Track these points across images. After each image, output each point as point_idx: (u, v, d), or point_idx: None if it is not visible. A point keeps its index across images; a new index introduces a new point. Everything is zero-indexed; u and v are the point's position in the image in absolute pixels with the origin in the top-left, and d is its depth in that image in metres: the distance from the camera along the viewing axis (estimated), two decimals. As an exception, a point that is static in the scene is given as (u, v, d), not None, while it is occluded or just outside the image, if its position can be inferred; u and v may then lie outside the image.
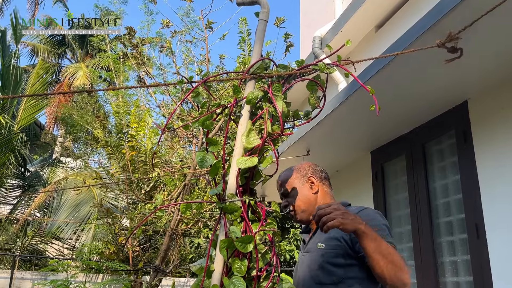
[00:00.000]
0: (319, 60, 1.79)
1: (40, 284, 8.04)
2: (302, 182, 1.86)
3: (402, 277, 1.37)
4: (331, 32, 4.75)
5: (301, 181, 1.87)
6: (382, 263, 1.39)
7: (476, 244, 2.71)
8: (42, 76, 10.58)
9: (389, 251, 1.40)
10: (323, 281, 1.65)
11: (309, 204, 1.82)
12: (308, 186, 1.85)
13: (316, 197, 1.83)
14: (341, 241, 1.63)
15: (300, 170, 1.90)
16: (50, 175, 11.72)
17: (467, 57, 2.37)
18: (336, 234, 1.66)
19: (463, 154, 2.92)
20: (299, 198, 1.83)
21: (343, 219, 1.40)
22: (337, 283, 1.60)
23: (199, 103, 1.77)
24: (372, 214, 1.64)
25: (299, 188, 1.85)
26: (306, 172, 1.88)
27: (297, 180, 1.87)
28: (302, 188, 1.85)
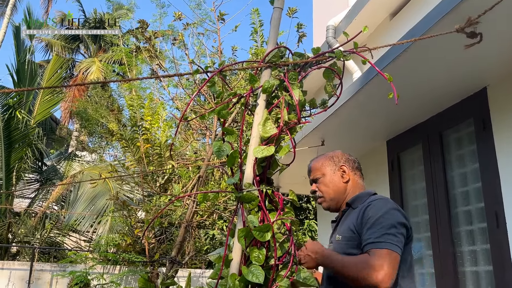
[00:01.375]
0: (335, 47, 1.77)
1: (59, 275, 8.20)
2: (334, 170, 1.85)
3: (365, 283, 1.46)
4: (344, 20, 4.69)
5: (332, 168, 1.85)
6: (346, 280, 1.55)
7: (496, 233, 2.67)
8: (57, 71, 10.70)
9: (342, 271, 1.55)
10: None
11: (339, 192, 1.82)
12: (339, 175, 1.83)
13: (346, 186, 1.82)
14: (354, 232, 1.63)
15: (332, 158, 1.88)
16: (67, 168, 11.89)
17: (487, 42, 2.31)
18: (351, 226, 1.66)
19: (482, 142, 2.87)
20: (329, 186, 1.83)
21: (304, 262, 1.67)
22: None
23: (214, 93, 1.76)
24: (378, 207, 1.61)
25: (330, 175, 1.84)
26: (339, 160, 1.87)
27: (329, 168, 1.86)
28: (333, 176, 1.83)
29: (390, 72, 2.50)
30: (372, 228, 1.55)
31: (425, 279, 3.32)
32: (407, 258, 1.59)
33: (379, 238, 1.51)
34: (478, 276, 2.86)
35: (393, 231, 1.52)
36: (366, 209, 1.63)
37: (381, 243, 1.50)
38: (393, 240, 1.50)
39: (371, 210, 1.61)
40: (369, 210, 1.61)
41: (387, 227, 1.53)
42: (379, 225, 1.54)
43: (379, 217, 1.56)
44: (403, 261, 1.55)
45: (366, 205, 1.65)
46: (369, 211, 1.61)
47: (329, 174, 1.83)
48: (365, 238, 1.55)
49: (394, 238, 1.51)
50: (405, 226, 1.58)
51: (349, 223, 1.68)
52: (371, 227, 1.55)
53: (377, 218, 1.56)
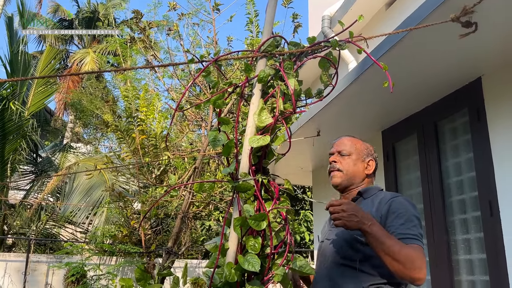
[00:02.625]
0: (332, 36, 1.76)
1: (56, 266, 8.21)
2: (363, 157, 1.86)
3: (409, 274, 1.45)
4: (340, 10, 4.68)
5: (363, 154, 1.86)
6: (388, 261, 1.48)
7: (489, 221, 2.70)
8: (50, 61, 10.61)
9: (394, 250, 1.46)
10: (350, 257, 1.67)
11: (355, 176, 1.82)
12: (365, 165, 1.85)
13: (366, 177, 1.84)
14: None
15: (368, 147, 1.91)
16: (62, 160, 11.85)
17: (482, 32, 2.31)
18: None
19: (477, 131, 2.88)
20: (351, 165, 1.83)
21: (348, 221, 1.52)
22: (362, 261, 1.63)
23: (210, 83, 1.76)
24: (405, 203, 1.65)
25: (358, 159, 1.84)
26: (372, 153, 1.90)
27: (361, 153, 1.87)
28: (359, 162, 1.84)
29: (386, 62, 2.49)
30: (408, 224, 1.57)
31: (420, 267, 3.35)
32: None
33: (417, 235, 1.55)
34: (472, 264, 2.89)
35: (421, 232, 1.59)
36: (391, 203, 1.65)
37: (419, 241, 1.54)
38: (422, 240, 1.57)
39: (400, 205, 1.63)
40: (396, 205, 1.63)
41: (418, 226, 1.59)
42: (412, 222, 1.58)
43: (411, 215, 1.60)
44: None
45: (388, 198, 1.67)
46: (397, 206, 1.63)
47: (358, 158, 1.84)
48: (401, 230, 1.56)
49: (422, 238, 1.58)
50: None
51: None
52: (406, 222, 1.57)
53: (410, 215, 1.60)
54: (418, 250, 1.50)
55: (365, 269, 1.61)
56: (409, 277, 1.46)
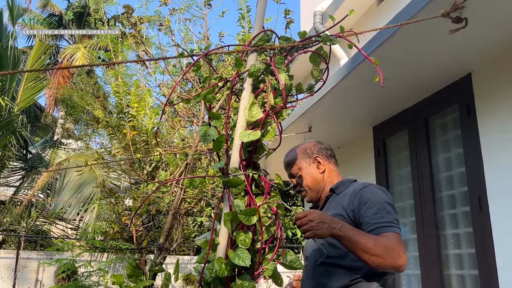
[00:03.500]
0: (322, 31, 1.76)
1: (46, 263, 8.16)
2: (309, 162, 1.87)
3: (390, 264, 1.45)
4: (332, 6, 4.68)
5: (307, 161, 1.87)
6: (366, 258, 1.47)
7: (478, 216, 2.72)
8: (40, 56, 10.49)
9: (369, 246, 1.46)
10: (330, 255, 1.67)
11: (317, 183, 1.84)
12: (315, 166, 1.86)
13: (323, 176, 1.85)
14: (345, 216, 1.65)
15: (306, 150, 1.90)
16: (52, 156, 11.75)
17: (472, 28, 2.33)
18: (340, 211, 1.67)
19: (467, 127, 2.90)
20: (307, 179, 1.85)
21: (318, 230, 1.51)
22: (343, 256, 1.62)
23: (200, 77, 1.75)
24: (375, 191, 1.64)
25: (306, 168, 1.86)
26: (312, 152, 1.89)
27: (304, 161, 1.88)
28: (309, 168, 1.86)
29: (377, 57, 2.49)
30: (381, 212, 1.56)
31: (409, 262, 3.38)
32: None
33: (391, 222, 1.54)
34: (461, 259, 2.92)
35: (397, 217, 1.58)
36: (361, 194, 1.64)
37: (394, 227, 1.53)
38: (398, 225, 1.55)
39: (370, 195, 1.62)
40: (367, 195, 1.62)
41: (392, 212, 1.57)
42: (385, 210, 1.57)
43: (384, 202, 1.59)
44: None
45: (358, 189, 1.67)
46: (368, 196, 1.62)
47: (305, 168, 1.86)
48: (374, 220, 1.54)
49: (398, 224, 1.56)
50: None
51: (337, 208, 1.70)
52: (378, 211, 1.56)
53: (382, 203, 1.59)
54: (394, 238, 1.49)
55: (347, 265, 1.61)
56: (391, 267, 1.46)
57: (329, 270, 1.66)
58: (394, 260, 1.44)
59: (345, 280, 1.60)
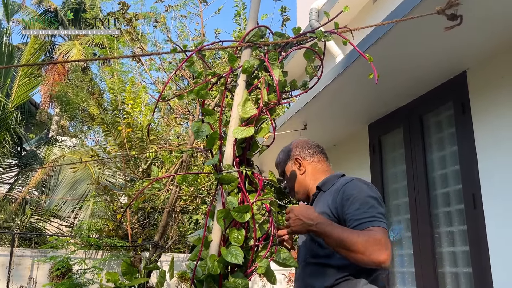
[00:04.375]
0: (317, 27, 1.75)
1: (40, 260, 8.12)
2: (292, 164, 1.89)
3: (371, 260, 1.40)
4: (328, 3, 4.66)
5: (290, 163, 1.89)
6: (346, 254, 1.46)
7: (473, 214, 2.72)
8: (35, 53, 10.42)
9: (348, 242, 1.44)
10: (318, 254, 1.67)
11: (299, 184, 1.86)
12: (296, 168, 1.87)
13: (305, 176, 1.85)
14: (330, 214, 1.63)
15: (288, 152, 1.92)
16: (47, 153, 11.69)
17: (467, 25, 2.32)
18: (325, 209, 1.66)
19: (461, 125, 2.90)
20: (291, 180, 1.87)
21: (294, 226, 1.57)
22: (330, 255, 1.60)
23: (194, 73, 1.73)
24: (358, 186, 1.62)
25: (289, 170, 1.89)
26: (293, 153, 1.90)
27: (287, 163, 1.90)
28: (293, 170, 1.88)
29: (372, 54, 2.49)
30: (363, 207, 1.52)
31: (404, 260, 3.38)
32: None
33: (374, 217, 1.49)
34: (455, 257, 2.92)
35: (381, 210, 1.53)
36: (345, 189, 1.62)
37: (378, 221, 1.48)
38: (384, 219, 1.51)
39: (352, 189, 1.60)
40: (350, 190, 1.60)
41: (376, 206, 1.53)
42: (368, 204, 1.53)
43: (366, 197, 1.55)
44: None
45: (341, 185, 1.65)
46: (350, 191, 1.59)
47: (289, 170, 1.89)
48: (357, 216, 1.51)
49: (384, 217, 1.52)
50: (383, 205, 1.60)
51: (323, 205, 1.68)
52: (361, 206, 1.52)
53: (364, 198, 1.55)
54: (376, 232, 1.44)
55: (334, 264, 1.58)
56: (372, 262, 1.41)
57: (316, 270, 1.65)
58: (375, 256, 1.40)
59: (332, 280, 1.57)
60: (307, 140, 1.94)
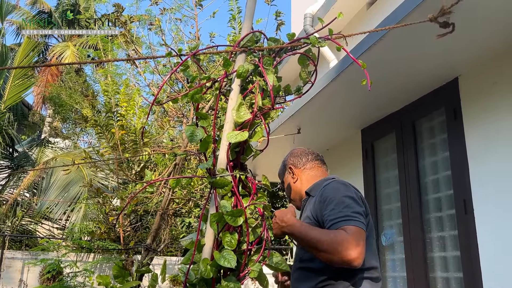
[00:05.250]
0: (311, 33, 1.76)
1: (31, 263, 8.05)
2: (287, 173, 1.94)
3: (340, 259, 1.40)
4: (322, 9, 4.69)
5: (286, 173, 1.95)
6: (316, 254, 1.49)
7: (464, 219, 2.75)
8: (29, 54, 10.37)
9: (317, 241, 1.47)
10: (303, 258, 1.70)
11: (295, 192, 1.90)
12: (290, 176, 1.92)
13: (298, 184, 1.89)
14: (311, 218, 1.66)
15: (284, 162, 1.98)
16: (39, 155, 11.60)
17: (459, 33, 2.35)
18: (309, 213, 1.70)
19: (453, 131, 2.93)
20: (288, 189, 1.92)
21: (274, 229, 1.65)
22: (312, 259, 1.61)
23: (188, 77, 1.74)
24: (335, 187, 1.64)
25: (287, 180, 1.94)
26: (288, 163, 1.95)
27: (284, 173, 1.96)
28: (288, 179, 1.93)
29: (365, 61, 2.51)
30: (338, 207, 1.53)
31: (396, 264, 3.40)
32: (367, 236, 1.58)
33: (348, 216, 1.49)
34: (446, 261, 2.94)
35: (358, 209, 1.53)
36: (322, 192, 1.65)
37: (351, 221, 1.47)
38: (359, 218, 1.50)
39: (329, 191, 1.62)
40: (326, 192, 1.62)
41: (351, 206, 1.53)
42: (343, 204, 1.54)
43: (342, 197, 1.57)
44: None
45: (321, 189, 1.68)
46: (327, 193, 1.62)
47: (286, 179, 1.94)
48: (331, 216, 1.52)
49: (360, 216, 1.51)
50: (363, 204, 1.61)
51: (309, 210, 1.72)
52: (335, 207, 1.53)
53: (339, 198, 1.56)
54: (346, 231, 1.43)
55: (316, 267, 1.59)
56: (341, 262, 1.41)
57: (301, 275, 1.67)
58: (343, 255, 1.39)
59: (313, 283, 1.58)
60: (303, 149, 1.98)
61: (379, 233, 3.60)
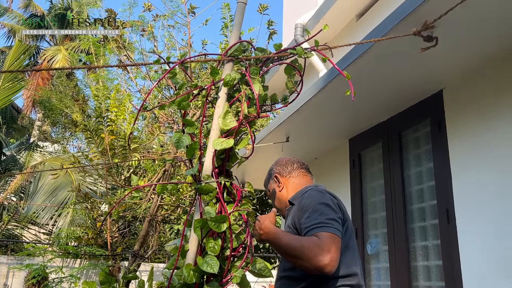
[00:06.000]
0: (297, 44, 1.80)
1: (16, 268, 7.95)
2: (273, 182, 1.96)
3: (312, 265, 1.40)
4: (313, 19, 4.76)
5: (272, 182, 1.97)
6: (290, 260, 1.52)
7: (446, 229, 2.80)
8: (19, 57, 10.32)
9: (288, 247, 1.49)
10: (285, 267, 1.71)
11: (280, 201, 1.92)
12: (276, 185, 1.94)
13: (283, 193, 1.91)
14: (291, 227, 1.68)
15: (270, 171, 2.00)
16: (27, 159, 11.50)
17: (442, 47, 2.41)
18: (289, 222, 1.72)
19: (437, 142, 2.99)
20: (274, 198, 1.95)
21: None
22: (293, 268, 1.63)
23: (176, 84, 1.77)
24: (312, 195, 1.66)
25: (272, 189, 1.96)
26: (273, 172, 1.98)
27: (270, 182, 1.99)
28: (274, 187, 1.95)
29: (352, 72, 2.57)
30: (313, 215, 1.54)
31: (380, 273, 3.43)
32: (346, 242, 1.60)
33: (321, 223, 1.50)
34: (429, 270, 2.98)
35: (333, 216, 1.54)
36: (300, 200, 1.68)
37: (324, 227, 1.48)
38: (334, 224, 1.50)
39: (306, 199, 1.65)
40: (304, 200, 1.65)
41: (326, 212, 1.54)
42: (318, 211, 1.55)
43: (316, 204, 1.58)
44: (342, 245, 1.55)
45: (300, 197, 1.71)
46: (304, 201, 1.64)
47: (272, 188, 1.97)
48: (306, 224, 1.53)
49: (335, 223, 1.51)
50: (340, 210, 1.62)
51: (289, 219, 1.74)
52: (310, 214, 1.55)
53: (314, 205, 1.58)
54: (319, 237, 1.44)
55: (296, 275, 1.61)
56: (313, 268, 1.40)
57: (283, 284, 1.69)
58: (314, 261, 1.39)
59: None
60: (288, 158, 2.01)
61: (364, 241, 3.64)
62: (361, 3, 4.33)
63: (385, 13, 3.85)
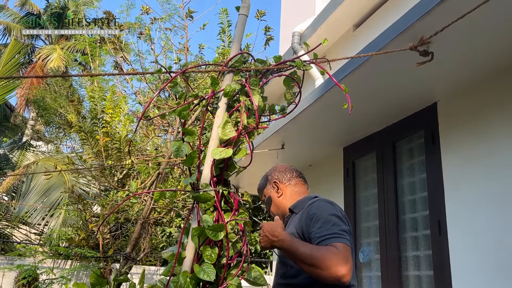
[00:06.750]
0: (297, 57, 1.84)
1: (6, 268, 7.89)
2: (271, 188, 1.98)
3: (329, 275, 1.43)
4: (310, 28, 4.81)
5: (269, 188, 1.99)
6: (305, 268, 1.51)
7: (437, 239, 2.84)
8: (15, 56, 10.27)
9: (306, 256, 1.49)
10: (287, 274, 1.74)
11: (278, 207, 1.94)
12: (275, 191, 1.96)
13: (282, 199, 1.94)
14: (296, 235, 1.70)
15: (267, 177, 2.02)
16: (20, 158, 11.43)
17: (437, 61, 2.46)
18: (293, 230, 1.74)
19: (430, 154, 3.04)
20: (271, 204, 1.96)
21: (262, 242, 1.67)
22: (296, 275, 1.66)
23: (177, 93, 1.79)
24: (322, 205, 1.69)
25: (269, 194, 1.99)
26: (272, 177, 2.00)
27: (267, 188, 2.00)
28: (272, 194, 1.97)
29: (348, 83, 2.61)
30: (325, 225, 1.57)
31: (372, 282, 3.47)
32: None
33: (336, 233, 1.53)
34: (420, 280, 3.02)
35: (345, 228, 1.58)
36: (309, 209, 1.70)
37: (339, 238, 1.52)
38: (347, 236, 1.55)
39: (315, 209, 1.67)
40: (313, 210, 1.67)
41: (338, 224, 1.58)
42: (330, 222, 1.58)
43: (328, 215, 1.61)
44: None
45: (307, 206, 1.73)
46: (314, 211, 1.67)
47: (268, 194, 1.99)
48: (319, 233, 1.56)
49: (347, 234, 1.56)
50: (347, 223, 1.66)
51: (293, 227, 1.76)
52: (323, 224, 1.58)
53: (326, 216, 1.61)
54: (335, 248, 1.48)
55: (299, 283, 1.64)
56: (330, 277, 1.44)
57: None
58: (334, 270, 1.42)
59: None
60: (286, 165, 2.04)
61: (357, 250, 3.68)
62: (358, 14, 4.38)
63: (381, 24, 3.91)
